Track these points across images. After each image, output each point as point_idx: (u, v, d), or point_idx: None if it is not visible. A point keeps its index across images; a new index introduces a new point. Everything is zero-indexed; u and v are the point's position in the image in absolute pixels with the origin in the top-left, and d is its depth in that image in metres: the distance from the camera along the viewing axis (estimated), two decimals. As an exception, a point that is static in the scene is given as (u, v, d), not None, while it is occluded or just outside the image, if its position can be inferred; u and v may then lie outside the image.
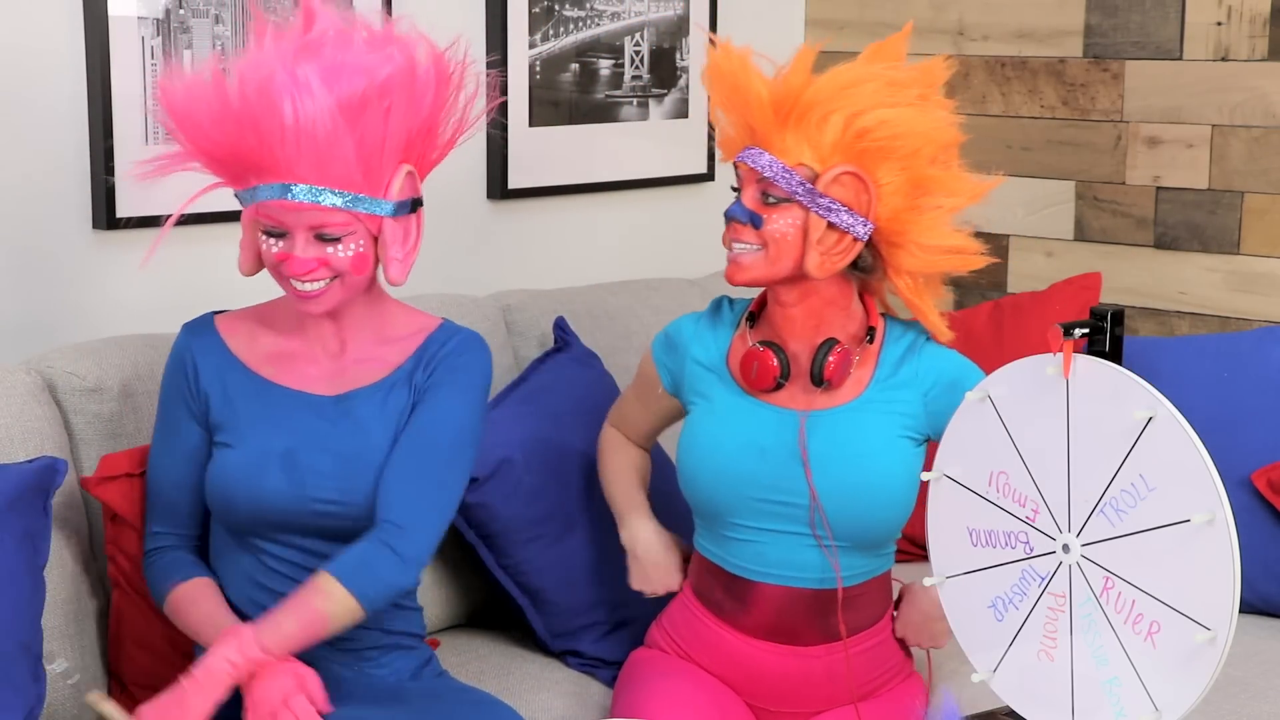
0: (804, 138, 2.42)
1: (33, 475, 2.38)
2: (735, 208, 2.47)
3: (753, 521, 2.52)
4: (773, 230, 2.44)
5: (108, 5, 2.81)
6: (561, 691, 2.75)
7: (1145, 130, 3.58)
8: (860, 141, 2.42)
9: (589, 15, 3.53)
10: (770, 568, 2.53)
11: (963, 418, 2.16)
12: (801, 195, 2.42)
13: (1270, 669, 2.83)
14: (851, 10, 3.94)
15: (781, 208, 2.44)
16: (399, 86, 2.30)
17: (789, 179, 2.42)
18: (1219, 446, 2.04)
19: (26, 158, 2.80)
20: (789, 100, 2.43)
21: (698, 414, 2.58)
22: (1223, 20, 3.45)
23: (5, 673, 2.28)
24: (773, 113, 2.43)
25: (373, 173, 2.30)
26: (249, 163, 2.28)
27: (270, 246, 2.32)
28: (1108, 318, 2.10)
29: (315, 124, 2.23)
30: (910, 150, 2.43)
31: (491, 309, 3.14)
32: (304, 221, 2.29)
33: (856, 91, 2.43)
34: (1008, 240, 3.78)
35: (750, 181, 2.46)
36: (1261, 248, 3.47)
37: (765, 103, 2.43)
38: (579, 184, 3.59)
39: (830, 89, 2.43)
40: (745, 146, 2.48)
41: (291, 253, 2.31)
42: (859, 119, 2.41)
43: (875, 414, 2.51)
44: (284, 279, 2.34)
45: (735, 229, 2.47)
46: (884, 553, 2.58)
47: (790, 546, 2.51)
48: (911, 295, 2.52)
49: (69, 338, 2.77)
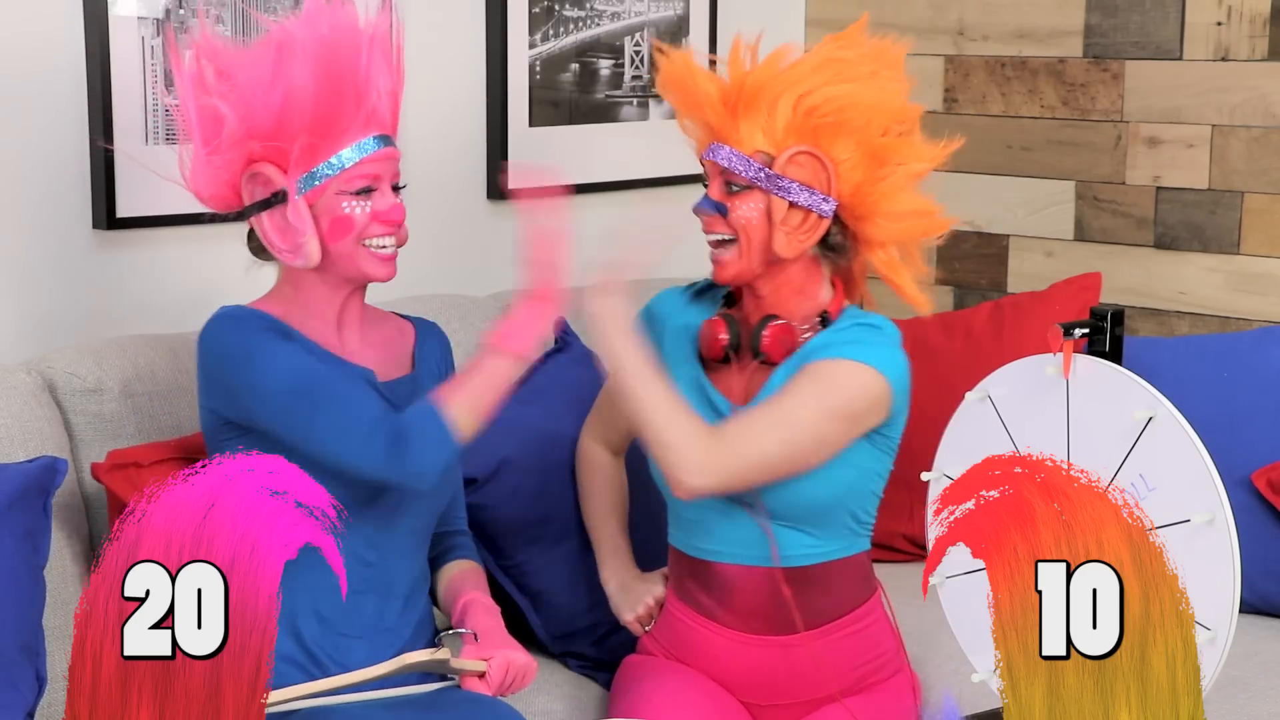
0: (756, 125, 2.49)
1: (33, 475, 2.38)
2: (702, 201, 2.54)
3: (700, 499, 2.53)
4: (738, 217, 2.50)
5: (108, 5, 2.81)
6: (561, 693, 2.75)
7: (1145, 130, 3.58)
8: (810, 120, 2.48)
9: (589, 15, 3.53)
10: (721, 545, 2.56)
11: (963, 417, 2.16)
12: (761, 180, 2.48)
13: (1270, 669, 2.83)
14: (851, 10, 3.94)
15: (744, 195, 2.51)
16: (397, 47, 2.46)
17: (747, 166, 2.49)
18: (1219, 446, 2.04)
19: (26, 158, 2.80)
20: (734, 91, 2.51)
21: None
22: (1223, 20, 3.45)
23: (5, 673, 2.28)
24: (723, 106, 2.51)
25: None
26: (344, 120, 2.34)
27: (362, 209, 2.37)
28: (1108, 318, 2.10)
29: (387, 74, 2.38)
30: (862, 123, 2.48)
31: (491, 309, 3.14)
32: (389, 172, 2.40)
33: (799, 72, 2.49)
34: (1008, 240, 3.78)
35: (715, 175, 2.54)
36: (1261, 248, 3.47)
37: (714, 98, 2.52)
38: (579, 184, 3.58)
39: (773, 74, 2.50)
40: (708, 144, 2.54)
41: (391, 202, 2.38)
42: (806, 99, 2.48)
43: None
44: (361, 246, 2.38)
45: (706, 222, 2.55)
46: (837, 532, 2.56)
47: (734, 523, 2.54)
48: (888, 270, 2.57)
49: (69, 338, 2.77)
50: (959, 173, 3.78)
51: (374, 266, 2.39)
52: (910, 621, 2.65)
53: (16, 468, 2.39)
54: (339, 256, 2.38)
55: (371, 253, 2.38)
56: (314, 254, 2.35)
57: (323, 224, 2.36)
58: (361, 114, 2.35)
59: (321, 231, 2.36)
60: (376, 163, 2.37)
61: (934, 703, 2.64)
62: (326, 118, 2.33)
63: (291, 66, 2.31)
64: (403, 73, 2.45)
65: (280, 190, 2.34)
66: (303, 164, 2.33)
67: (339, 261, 2.38)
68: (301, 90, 2.31)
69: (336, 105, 2.33)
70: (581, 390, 2.96)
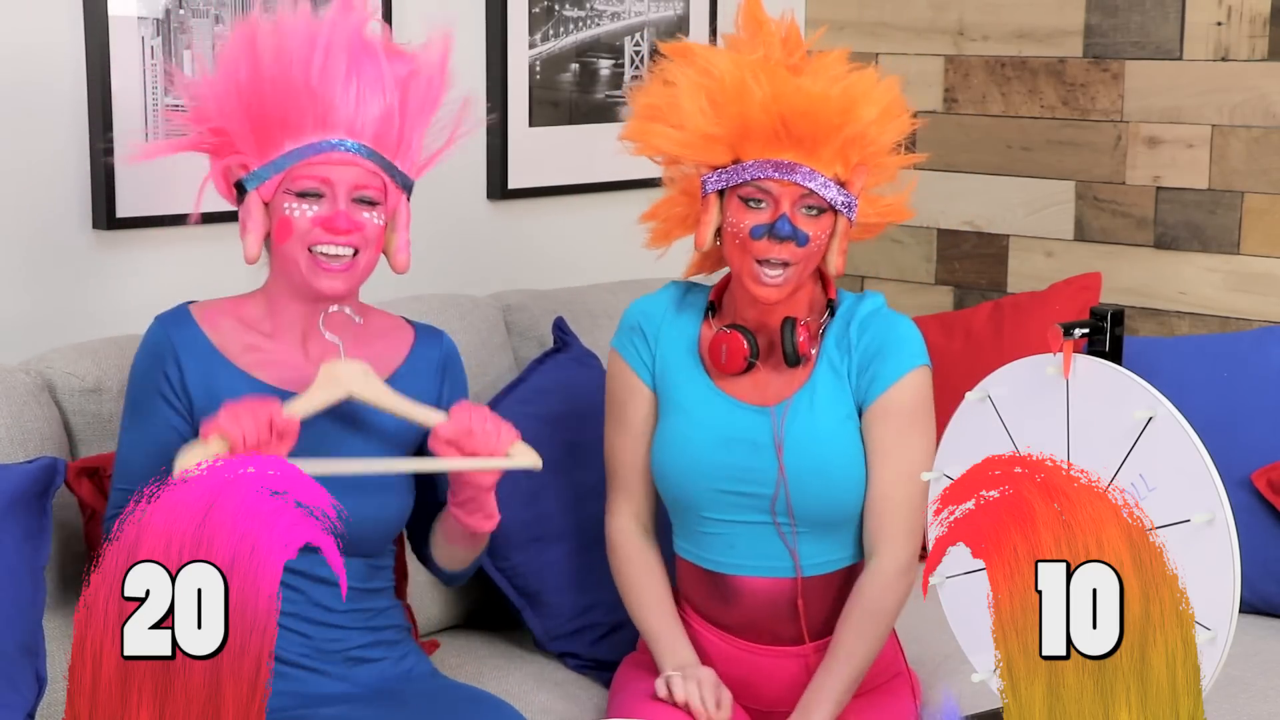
0: (834, 148, 2.43)
1: (33, 475, 2.38)
2: (785, 226, 2.43)
3: (721, 514, 2.54)
4: (814, 243, 2.46)
5: (108, 5, 2.81)
6: (561, 692, 2.75)
7: (1145, 130, 3.58)
8: (859, 146, 2.46)
9: (589, 15, 3.53)
10: (742, 559, 2.55)
11: (963, 417, 2.16)
12: (840, 204, 2.45)
13: (1270, 669, 2.83)
14: (851, 10, 3.94)
15: (820, 219, 2.46)
16: (429, 78, 2.36)
17: (827, 188, 2.43)
18: (1219, 446, 2.04)
19: (26, 158, 2.80)
20: (817, 110, 2.41)
21: (667, 409, 2.58)
22: (1223, 20, 3.45)
23: (5, 673, 2.28)
24: (826, 130, 2.41)
25: (405, 148, 2.34)
26: (294, 119, 2.28)
27: (304, 211, 2.30)
28: (1108, 318, 2.10)
29: (376, 87, 2.30)
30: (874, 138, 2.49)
31: (491, 309, 3.14)
32: (348, 179, 2.30)
33: (859, 96, 2.46)
34: (1008, 240, 3.78)
35: (782, 198, 2.43)
36: (1261, 248, 3.47)
37: (825, 122, 2.41)
38: (579, 184, 3.58)
39: (849, 99, 2.45)
40: (767, 159, 2.44)
41: (335, 209, 2.30)
42: (869, 128, 2.45)
43: (827, 391, 2.53)
44: (308, 251, 2.31)
45: (772, 248, 2.43)
46: (849, 539, 2.57)
47: (759, 536, 2.53)
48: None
49: (69, 338, 2.77)
50: (959, 173, 3.78)
51: (316, 275, 2.32)
52: (910, 621, 2.65)
53: (16, 468, 2.38)
54: (285, 260, 2.34)
55: (317, 261, 2.31)
56: (249, 250, 2.32)
57: (273, 224, 2.33)
58: (313, 115, 2.28)
59: (272, 232, 2.34)
60: (328, 166, 2.29)
61: (934, 703, 2.64)
62: (267, 114, 2.28)
63: (237, 60, 2.29)
64: (428, 118, 2.36)
65: (239, 181, 2.34)
66: (256, 158, 2.31)
67: (287, 265, 2.34)
68: (243, 84, 2.28)
69: (280, 102, 2.28)
70: (581, 391, 2.95)
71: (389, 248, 2.39)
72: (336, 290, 2.33)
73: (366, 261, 2.35)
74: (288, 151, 2.29)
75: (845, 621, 2.52)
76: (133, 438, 2.39)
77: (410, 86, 2.35)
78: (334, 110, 2.29)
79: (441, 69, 2.38)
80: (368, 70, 2.31)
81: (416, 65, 2.36)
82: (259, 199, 2.32)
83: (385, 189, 2.34)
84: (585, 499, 2.86)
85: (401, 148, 2.34)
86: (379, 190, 2.33)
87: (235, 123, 2.30)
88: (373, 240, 2.33)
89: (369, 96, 2.31)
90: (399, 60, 2.35)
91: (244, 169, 2.33)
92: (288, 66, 2.27)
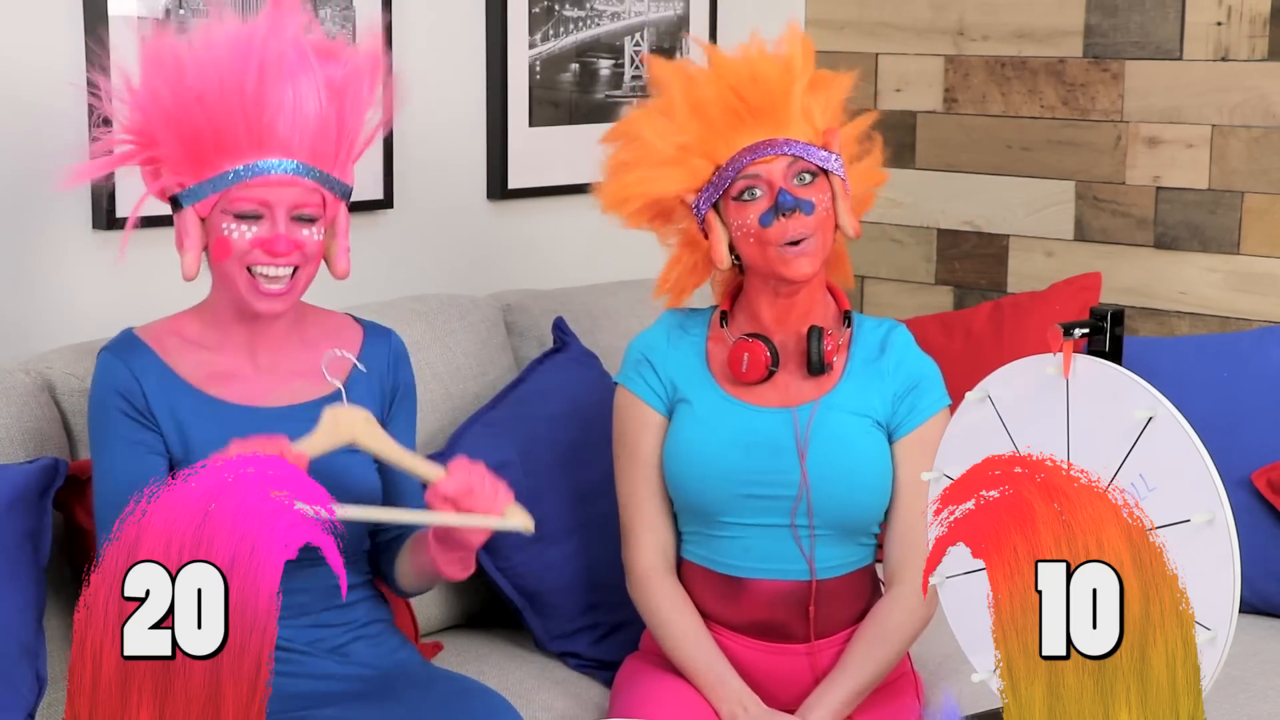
0: (814, 109, 2.50)
1: (33, 475, 2.38)
2: (785, 201, 2.46)
3: (739, 518, 2.54)
4: (821, 208, 2.49)
5: (107, 5, 2.81)
6: (562, 692, 2.75)
7: (1145, 130, 3.58)
8: (821, 106, 2.54)
9: (589, 15, 3.53)
10: (758, 562, 2.55)
11: (963, 417, 2.16)
12: (830, 163, 2.50)
13: (1270, 669, 2.83)
14: (851, 10, 3.94)
15: (815, 185, 2.49)
16: (362, 78, 2.33)
17: (811, 151, 2.48)
18: (1219, 446, 2.03)
19: (26, 158, 2.80)
20: (786, 80, 2.50)
21: (680, 418, 2.58)
22: (1223, 20, 3.45)
23: (5, 673, 2.28)
24: (781, 92, 2.48)
25: (342, 157, 2.33)
26: (229, 140, 2.25)
27: (243, 233, 2.28)
28: (1108, 318, 2.09)
29: (312, 99, 2.26)
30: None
31: (491, 309, 3.14)
32: (287, 199, 2.28)
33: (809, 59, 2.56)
34: (1008, 240, 3.78)
35: (777, 175, 2.47)
36: (1261, 248, 3.47)
37: (775, 83, 2.48)
38: (579, 184, 3.58)
39: (803, 61, 2.54)
40: (753, 142, 2.47)
41: (275, 232, 2.28)
42: (799, 80, 2.52)
43: (854, 400, 2.55)
44: (246, 273, 2.30)
45: (789, 226, 2.46)
46: (864, 542, 2.59)
47: (776, 539, 2.53)
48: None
49: (69, 338, 2.77)
50: (959, 173, 3.78)
51: (254, 296, 2.31)
52: (910, 621, 2.65)
53: (16, 468, 2.39)
54: (224, 278, 2.33)
55: (255, 282, 2.30)
56: (187, 268, 2.31)
57: (211, 242, 2.32)
58: (248, 134, 2.25)
59: (210, 249, 2.32)
60: (267, 188, 2.27)
61: (934, 703, 2.64)
62: (199, 134, 2.25)
63: (156, 82, 2.26)
64: (363, 118, 2.34)
65: (174, 195, 2.32)
66: (191, 175, 2.29)
67: (226, 284, 2.33)
68: (169, 106, 2.25)
69: (213, 122, 2.25)
70: (581, 391, 2.96)
71: (329, 254, 2.39)
72: (275, 312, 2.34)
73: (307, 276, 2.34)
74: (224, 172, 2.27)
75: (858, 641, 2.53)
76: (105, 468, 2.34)
77: (346, 90, 2.32)
78: (270, 129, 2.26)
79: (374, 64, 2.36)
80: (303, 82, 2.27)
81: (350, 66, 2.33)
82: (195, 215, 2.30)
83: (324, 203, 2.33)
84: (586, 499, 2.87)
85: (340, 156, 2.33)
86: (318, 207, 2.31)
87: (166, 143, 2.28)
88: (313, 256, 2.33)
89: (305, 108, 2.27)
90: (332, 63, 2.32)
91: (179, 186, 2.31)
92: (218, 85, 2.24)
